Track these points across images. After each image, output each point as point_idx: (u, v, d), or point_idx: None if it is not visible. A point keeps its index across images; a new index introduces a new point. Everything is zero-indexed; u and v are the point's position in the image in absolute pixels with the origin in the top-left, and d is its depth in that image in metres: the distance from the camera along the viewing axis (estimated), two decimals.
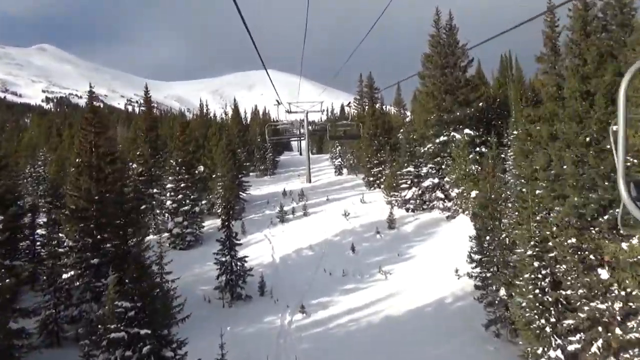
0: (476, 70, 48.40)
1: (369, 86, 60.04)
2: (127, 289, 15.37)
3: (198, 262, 31.98)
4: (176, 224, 34.81)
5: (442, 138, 39.06)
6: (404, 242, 32.81)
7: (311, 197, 46.85)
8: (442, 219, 36.51)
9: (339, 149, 74.19)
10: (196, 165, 43.15)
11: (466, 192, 34.90)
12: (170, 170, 36.21)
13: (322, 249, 32.86)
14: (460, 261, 28.28)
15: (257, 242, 35.28)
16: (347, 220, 37.47)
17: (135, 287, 15.68)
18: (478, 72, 49.42)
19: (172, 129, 43.98)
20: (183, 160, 36.03)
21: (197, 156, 44.20)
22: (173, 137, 39.29)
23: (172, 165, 36.12)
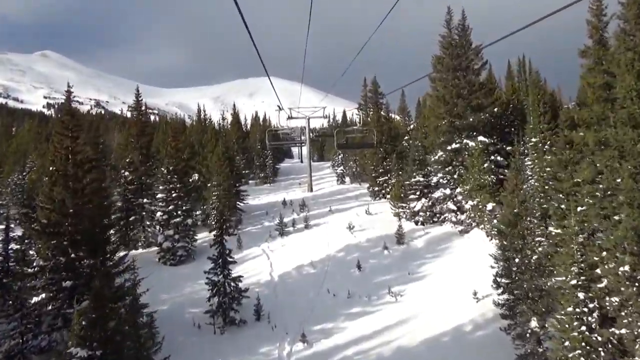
0: (487, 74, 45.84)
1: (374, 91, 57.35)
2: (83, 334, 12.52)
3: (189, 280, 29.20)
4: (166, 237, 32.05)
5: (454, 145, 36.35)
6: (415, 259, 30.00)
7: (313, 207, 44.11)
8: (454, 234, 33.73)
9: (341, 156, 71.76)
10: (190, 173, 40.47)
11: (482, 205, 32.17)
12: (161, 179, 33.49)
13: (325, 266, 30.07)
14: (477, 282, 25.63)
15: (254, 257, 32.49)
16: (352, 233, 34.69)
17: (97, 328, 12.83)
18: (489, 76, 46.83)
19: (166, 135, 41.25)
20: (175, 168, 33.33)
21: (192, 164, 41.50)
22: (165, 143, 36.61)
23: (163, 174, 33.40)
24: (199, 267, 28.29)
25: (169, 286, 28.51)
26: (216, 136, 44.95)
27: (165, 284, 28.93)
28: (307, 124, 55.82)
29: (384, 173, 45.94)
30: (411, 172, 38.35)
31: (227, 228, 24.98)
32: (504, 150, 37.39)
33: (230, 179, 39.68)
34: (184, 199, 33.28)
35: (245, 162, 71.60)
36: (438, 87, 37.74)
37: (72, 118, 22.00)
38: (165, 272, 30.99)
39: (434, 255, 30.25)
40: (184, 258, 32.39)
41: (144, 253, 34.66)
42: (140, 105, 38.72)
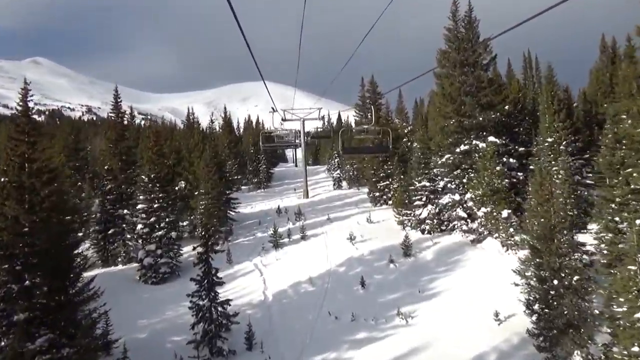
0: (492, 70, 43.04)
1: (372, 90, 54.52)
2: None
3: (172, 301, 25.99)
4: (148, 252, 28.86)
5: (462, 147, 33.40)
6: (424, 274, 26.95)
7: (309, 215, 41.01)
8: (465, 244, 30.74)
9: (337, 159, 68.76)
10: (177, 181, 37.32)
11: (496, 212, 29.21)
12: (142, 188, 30.30)
13: (325, 282, 26.96)
14: (498, 300, 22.68)
15: (245, 273, 29.35)
16: (353, 245, 31.61)
17: None
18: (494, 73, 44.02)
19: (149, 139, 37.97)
20: (157, 176, 30.13)
21: (178, 170, 38.38)
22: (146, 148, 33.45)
23: (143, 182, 30.21)
24: (184, 286, 24.97)
25: (149, 309, 25.32)
26: (204, 140, 41.80)
27: (145, 306, 25.78)
28: (302, 125, 52.84)
29: (385, 177, 42.94)
30: (416, 176, 35.36)
31: (212, 244, 21.76)
32: (516, 152, 34.57)
33: (220, 187, 36.56)
34: (167, 209, 30.13)
35: (237, 167, 68.53)
36: (444, 84, 34.82)
37: (28, 120, 18.78)
38: (145, 292, 27.80)
39: (445, 269, 27.22)
40: (168, 275, 29.21)
41: (125, 270, 31.46)
42: (119, 107, 35.53)
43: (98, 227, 32.60)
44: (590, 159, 36.82)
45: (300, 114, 53.55)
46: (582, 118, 40.50)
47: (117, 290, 27.76)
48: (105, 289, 27.55)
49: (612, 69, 46.23)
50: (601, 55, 48.05)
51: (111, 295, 27.12)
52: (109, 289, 27.98)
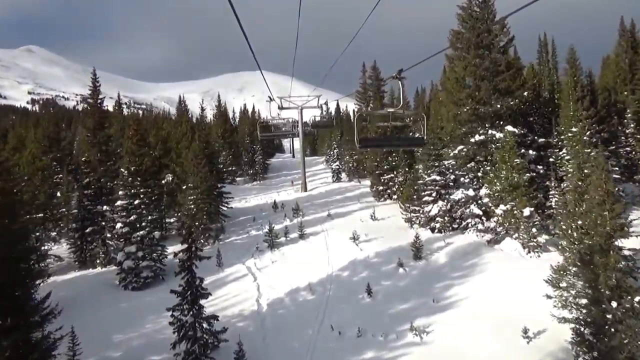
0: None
1: (375, 77, 51.25)
2: None
3: (154, 310, 22.85)
4: (128, 254, 25.76)
5: (477, 137, 30.32)
6: (438, 280, 23.96)
7: (308, 211, 37.96)
8: (481, 244, 27.76)
9: (337, 150, 65.64)
10: (164, 174, 34.16)
11: (516, 210, 26.19)
12: (121, 183, 27.14)
13: (326, 290, 23.95)
14: (524, 313, 19.75)
15: (237, 278, 26.30)
16: (357, 245, 28.59)
17: None
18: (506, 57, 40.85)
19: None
20: (138, 169, 26.96)
21: (165, 162, 35.20)
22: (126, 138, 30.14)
23: (123, 176, 27.05)
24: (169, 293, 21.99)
25: (127, 321, 22.26)
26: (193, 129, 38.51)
27: (123, 317, 22.72)
28: (300, 114, 49.65)
29: (390, 170, 39.89)
30: (425, 169, 32.28)
31: (197, 250, 18.67)
32: (535, 143, 31.51)
33: (210, 180, 33.39)
34: (149, 206, 27.00)
35: (232, 158, 65.41)
36: (457, 67, 31.64)
37: None
38: (124, 299, 24.71)
39: (461, 275, 24.21)
40: (150, 280, 26.16)
41: (104, 273, 28.36)
42: (98, 92, 32.17)
43: (75, 225, 29.47)
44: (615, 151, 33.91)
45: (298, 102, 50.36)
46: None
47: (92, 297, 24.83)
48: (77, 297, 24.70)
49: (632, 55, 43.18)
50: (620, 39, 44.88)
51: (86, 303, 24.15)
52: (83, 295, 25.09)
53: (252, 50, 9.80)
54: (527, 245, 25.87)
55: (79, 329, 19.34)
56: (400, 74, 8.66)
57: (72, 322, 21.92)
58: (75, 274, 28.51)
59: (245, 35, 8.36)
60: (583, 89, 31.68)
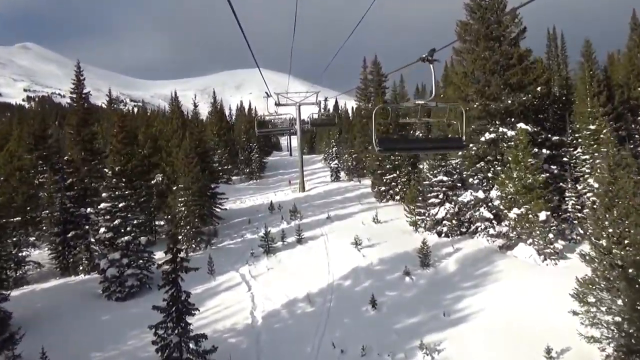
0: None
1: (376, 72, 49.25)
2: None
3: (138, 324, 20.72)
4: (111, 262, 23.78)
5: (487, 135, 28.43)
6: (448, 290, 22.06)
7: (306, 213, 36.02)
8: (493, 250, 25.88)
9: (335, 149, 63.76)
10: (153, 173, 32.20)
11: (531, 213, 24.30)
12: (105, 184, 25.16)
13: (327, 301, 22.02)
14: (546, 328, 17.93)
15: (230, 287, 24.33)
16: (359, 251, 26.67)
17: None
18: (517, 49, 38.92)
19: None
20: (123, 169, 24.98)
21: (154, 161, 33.22)
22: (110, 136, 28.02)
23: (107, 176, 25.07)
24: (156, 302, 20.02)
25: (108, 335, 20.27)
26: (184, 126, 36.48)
27: (104, 331, 20.74)
28: (298, 111, 47.69)
29: (392, 169, 37.97)
30: (430, 168, 30.39)
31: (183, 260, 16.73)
32: (549, 141, 29.65)
33: (203, 180, 31.43)
34: (136, 209, 25.02)
35: (227, 156, 63.46)
36: (465, 61, 29.73)
37: None
38: (107, 310, 22.71)
39: (473, 284, 22.31)
40: (136, 290, 24.16)
41: (86, 281, 26.33)
42: (81, 87, 30.11)
43: (57, 228, 27.48)
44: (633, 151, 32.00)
45: (296, 98, 48.32)
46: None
47: (72, 308, 22.82)
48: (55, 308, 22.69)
49: None
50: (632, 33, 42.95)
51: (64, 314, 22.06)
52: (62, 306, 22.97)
53: (249, 46, 9.66)
54: (543, 252, 24.01)
55: (53, 345, 17.48)
56: (433, 56, 6.79)
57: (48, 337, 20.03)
58: (55, 281, 26.51)
59: (242, 31, 8.25)
60: (599, 84, 29.80)
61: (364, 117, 51.40)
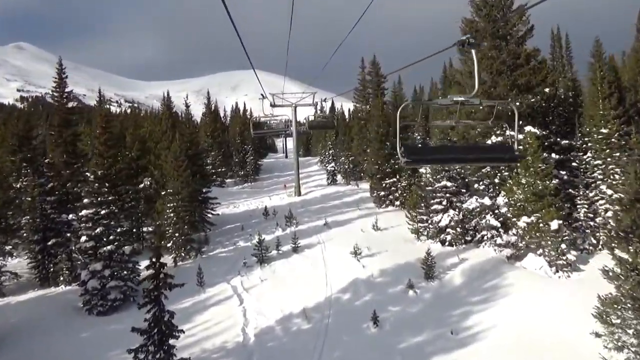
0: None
1: (374, 73, 47.78)
2: None
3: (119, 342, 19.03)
4: (92, 272, 22.10)
5: (494, 139, 26.94)
6: (455, 305, 20.53)
7: (303, 219, 34.44)
8: (501, 261, 24.37)
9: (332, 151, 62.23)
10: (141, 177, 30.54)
11: (542, 222, 22.82)
12: (87, 189, 23.47)
13: (324, 317, 20.43)
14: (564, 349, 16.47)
15: (221, 300, 22.70)
16: (359, 261, 25.11)
17: None
18: None
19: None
20: (106, 173, 23.32)
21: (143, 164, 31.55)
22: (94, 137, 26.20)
23: (89, 181, 23.40)
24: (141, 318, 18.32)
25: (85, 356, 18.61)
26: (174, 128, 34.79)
27: (81, 350, 19.05)
28: (294, 112, 46.15)
29: (392, 173, 36.46)
30: (433, 173, 28.91)
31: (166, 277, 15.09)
32: (558, 145, 28.23)
33: (193, 184, 29.78)
34: (119, 216, 23.36)
35: (222, 158, 61.84)
36: (470, 61, 28.18)
37: None
38: (87, 326, 21.00)
39: (482, 299, 20.79)
40: (119, 303, 22.47)
41: (67, 293, 24.60)
42: (64, 86, 28.38)
43: (36, 236, 25.75)
44: None
45: (292, 99, 46.75)
46: None
47: (48, 323, 21.14)
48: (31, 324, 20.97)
49: None
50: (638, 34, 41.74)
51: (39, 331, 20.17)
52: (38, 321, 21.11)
53: (243, 46, 9.51)
54: (555, 264, 22.53)
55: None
56: (474, 40, 5.30)
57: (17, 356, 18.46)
58: (34, 293, 24.76)
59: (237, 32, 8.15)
60: (610, 85, 28.37)
61: (362, 119, 49.95)
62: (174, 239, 27.38)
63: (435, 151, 5.69)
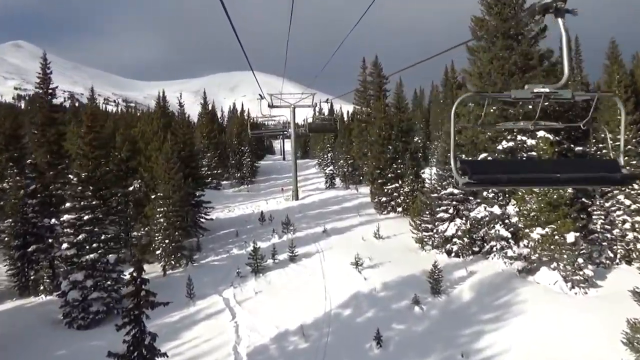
0: None
1: (376, 73, 46.22)
2: None
3: None
4: (73, 283, 20.48)
5: (504, 144, 25.44)
6: (465, 323, 18.95)
7: (300, 225, 32.87)
8: (512, 274, 22.81)
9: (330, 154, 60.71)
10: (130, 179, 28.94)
11: (558, 234, 21.30)
12: (70, 192, 21.84)
13: (323, 334, 18.83)
14: None
15: (211, 315, 21.05)
16: (360, 272, 23.53)
17: None
18: None
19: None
20: (90, 176, 21.70)
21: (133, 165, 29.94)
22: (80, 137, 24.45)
23: (72, 183, 21.78)
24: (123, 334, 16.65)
25: None
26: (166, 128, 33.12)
27: None
28: (292, 113, 44.63)
29: (394, 178, 34.92)
30: (439, 179, 27.40)
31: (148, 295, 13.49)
32: (572, 152, 26.76)
33: (185, 188, 28.18)
34: (104, 221, 21.72)
35: (217, 160, 60.19)
36: (480, 61, 26.78)
37: None
38: (64, 342, 19.28)
39: (494, 317, 19.22)
40: (102, 317, 20.83)
41: (47, 304, 22.91)
42: (48, 82, 26.73)
43: (17, 241, 24.10)
44: None
45: (291, 100, 45.23)
46: None
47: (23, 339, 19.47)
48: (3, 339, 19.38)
49: None
50: None
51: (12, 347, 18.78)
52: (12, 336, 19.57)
53: (241, 45, 9.60)
54: (571, 279, 21.01)
55: None
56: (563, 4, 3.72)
57: None
58: (11, 303, 23.11)
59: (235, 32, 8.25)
60: (626, 89, 26.94)
61: (363, 121, 48.43)
62: (164, 246, 25.76)
63: (509, 168, 3.95)
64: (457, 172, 3.68)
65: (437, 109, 63.83)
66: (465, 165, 3.64)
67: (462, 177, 3.62)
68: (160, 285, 24.50)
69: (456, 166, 3.70)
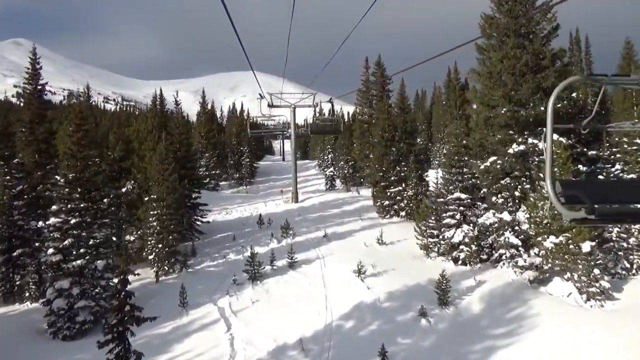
0: None
1: (379, 73, 45.10)
2: None
3: None
4: (59, 291, 19.30)
5: (515, 147, 24.28)
6: (475, 338, 17.77)
7: (300, 229, 31.72)
8: (523, 285, 21.64)
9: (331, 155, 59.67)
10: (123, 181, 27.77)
11: (573, 244, 20.14)
12: (56, 194, 20.68)
13: (324, 349, 17.65)
14: None
15: (205, 326, 19.84)
16: (363, 281, 22.36)
17: None
18: None
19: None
20: (78, 177, 20.52)
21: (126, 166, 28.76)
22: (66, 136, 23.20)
23: (59, 185, 20.61)
24: None
25: None
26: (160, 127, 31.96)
27: None
28: (292, 114, 43.49)
29: (398, 182, 33.78)
30: (446, 183, 26.27)
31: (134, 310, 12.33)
32: (585, 156, 25.63)
33: (180, 190, 27.01)
34: (92, 226, 20.54)
35: (216, 160, 59.12)
36: (491, 60, 25.62)
37: None
38: (48, 355, 18.10)
39: (506, 332, 18.04)
40: (88, 326, 19.66)
41: (32, 312, 21.71)
42: (37, 77, 25.54)
43: (1, 245, 22.91)
44: None
45: (291, 100, 44.12)
46: None
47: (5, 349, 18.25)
48: None
49: None
50: None
51: None
52: None
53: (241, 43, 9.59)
54: (586, 290, 19.84)
55: None
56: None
57: None
58: None
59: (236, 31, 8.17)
60: None
61: (365, 122, 47.33)
62: (157, 251, 24.59)
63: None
64: (557, 200, 2.45)
65: (440, 110, 62.82)
66: (577, 191, 2.40)
67: (568, 207, 2.39)
68: (152, 292, 23.48)
69: (555, 191, 2.48)
